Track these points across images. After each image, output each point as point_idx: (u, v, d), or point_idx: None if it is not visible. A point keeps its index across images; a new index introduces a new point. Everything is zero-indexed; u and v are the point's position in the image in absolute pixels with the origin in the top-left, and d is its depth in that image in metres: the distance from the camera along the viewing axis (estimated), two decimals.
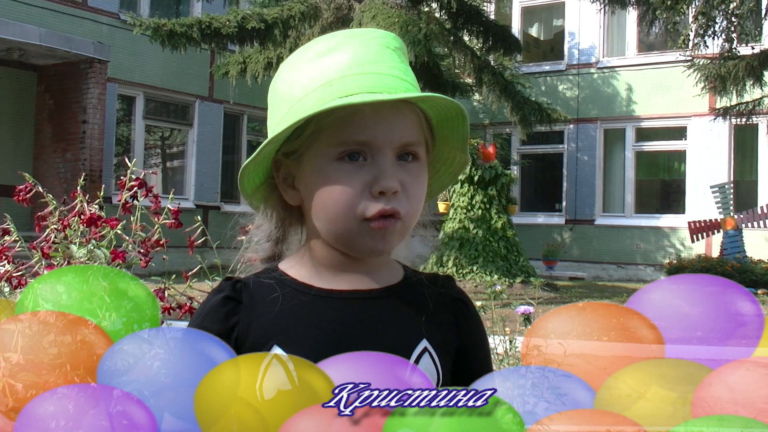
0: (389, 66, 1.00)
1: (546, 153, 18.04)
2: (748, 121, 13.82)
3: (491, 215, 12.09)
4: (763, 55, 12.07)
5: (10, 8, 12.49)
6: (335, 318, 1.03)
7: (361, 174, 0.98)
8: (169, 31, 11.60)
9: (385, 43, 1.03)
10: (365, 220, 0.98)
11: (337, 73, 0.98)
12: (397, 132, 0.98)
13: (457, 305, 1.11)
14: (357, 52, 1.00)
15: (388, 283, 1.07)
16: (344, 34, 1.04)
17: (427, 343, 1.03)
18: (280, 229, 1.11)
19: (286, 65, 1.06)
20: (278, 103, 1.04)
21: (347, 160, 0.98)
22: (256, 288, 1.06)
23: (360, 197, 0.97)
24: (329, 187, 0.99)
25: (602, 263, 16.84)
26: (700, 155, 16.11)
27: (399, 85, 0.99)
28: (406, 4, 11.58)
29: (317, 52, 1.01)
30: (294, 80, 1.02)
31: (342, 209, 0.98)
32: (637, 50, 17.19)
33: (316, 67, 1.00)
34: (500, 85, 12.24)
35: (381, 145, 0.98)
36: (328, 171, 0.98)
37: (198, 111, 15.70)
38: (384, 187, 0.97)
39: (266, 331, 1.02)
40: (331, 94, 0.96)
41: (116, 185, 2.34)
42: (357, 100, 0.94)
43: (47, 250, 2.11)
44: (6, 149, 12.78)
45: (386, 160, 0.98)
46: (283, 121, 1.00)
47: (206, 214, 14.88)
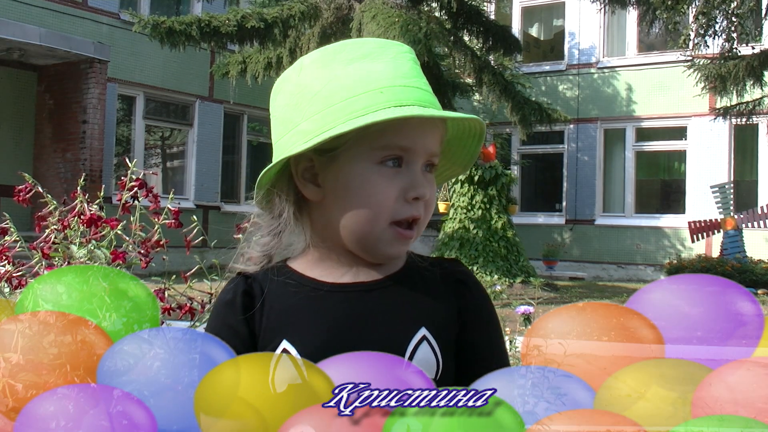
0: (424, 82, 1.05)
1: (546, 153, 18.03)
2: (748, 121, 13.82)
3: (491, 215, 12.09)
4: (763, 55, 12.07)
5: (10, 8, 12.49)
6: (337, 312, 1.04)
7: (398, 179, 1.02)
8: (168, 29, 11.59)
9: (412, 58, 1.07)
10: (393, 224, 1.02)
11: (386, 81, 1.01)
12: (429, 142, 1.04)
13: (459, 286, 1.11)
14: (396, 64, 1.03)
15: (389, 272, 1.08)
16: (373, 43, 1.06)
17: (426, 331, 1.04)
18: (287, 223, 1.10)
19: (314, 62, 1.06)
20: (307, 99, 1.04)
21: (387, 165, 1.01)
22: (265, 283, 1.08)
23: (396, 202, 1.01)
24: (368, 189, 1.01)
25: (602, 263, 16.84)
26: (700, 155, 16.11)
27: (434, 101, 1.04)
28: (406, 4, 11.58)
29: (351, 56, 1.03)
30: (330, 79, 1.02)
31: (377, 212, 1.02)
32: (638, 50, 17.19)
33: (359, 71, 1.01)
34: (500, 85, 12.23)
35: (419, 152, 1.03)
36: (369, 173, 1.01)
37: (198, 111, 15.70)
38: (420, 194, 1.02)
39: (274, 326, 1.04)
40: (385, 101, 0.99)
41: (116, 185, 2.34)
42: (417, 112, 0.98)
43: (47, 250, 2.11)
44: (6, 149, 12.78)
45: (418, 168, 1.03)
46: (323, 119, 1.00)
47: (206, 214, 14.89)
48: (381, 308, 1.06)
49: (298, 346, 1.02)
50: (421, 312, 1.06)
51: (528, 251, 13.23)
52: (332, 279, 1.07)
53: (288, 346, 1.02)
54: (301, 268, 1.09)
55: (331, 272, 1.08)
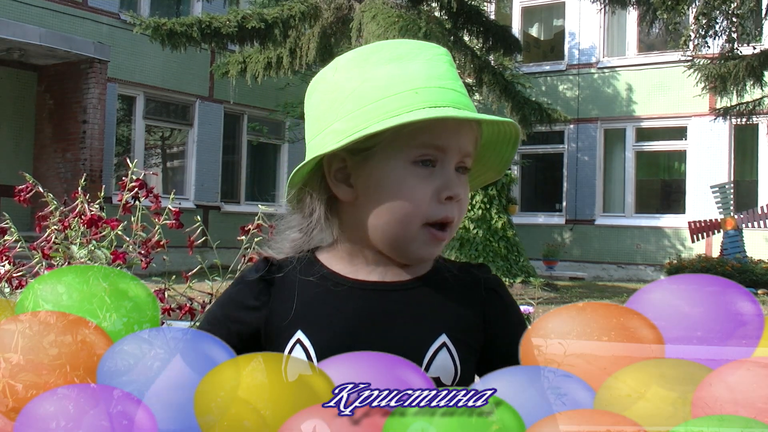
0: (459, 84, 1.04)
1: (546, 153, 18.03)
2: (748, 121, 13.81)
3: (491, 215, 12.09)
4: (763, 55, 12.07)
5: (10, 8, 12.49)
6: (358, 309, 1.04)
7: (431, 180, 1.01)
8: (169, 31, 11.59)
9: (450, 61, 1.06)
10: (426, 225, 1.02)
11: (421, 81, 1.00)
12: (463, 144, 1.03)
13: (487, 293, 1.11)
14: (432, 65, 1.03)
15: (416, 274, 1.08)
16: (409, 44, 1.06)
17: (446, 338, 1.03)
18: (317, 221, 1.10)
19: (349, 62, 1.05)
20: (341, 99, 1.03)
21: (421, 165, 1.01)
22: (289, 271, 1.08)
23: (430, 201, 1.01)
24: (402, 189, 1.01)
25: (602, 263, 16.84)
26: (700, 155, 16.11)
27: (470, 103, 1.04)
28: (406, 3, 11.58)
29: (387, 57, 1.03)
30: (364, 79, 1.02)
31: (411, 212, 1.01)
32: (638, 50, 17.19)
33: (394, 71, 1.01)
34: (500, 85, 12.23)
35: (453, 153, 1.02)
36: (403, 173, 1.01)
37: (198, 111, 15.71)
38: (454, 193, 1.02)
39: (291, 314, 1.04)
40: (419, 102, 0.98)
41: (117, 185, 2.34)
42: (452, 113, 0.98)
43: (48, 250, 2.11)
44: (6, 149, 12.78)
45: (452, 169, 1.02)
46: (357, 119, 1.00)
47: (206, 214, 14.89)
48: (403, 310, 1.05)
49: (312, 338, 1.01)
50: (443, 318, 1.05)
51: (528, 251, 13.22)
52: (357, 276, 1.07)
53: (302, 337, 1.01)
54: (327, 261, 1.09)
55: (357, 269, 1.07)
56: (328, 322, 1.03)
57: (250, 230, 2.25)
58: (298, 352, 1.00)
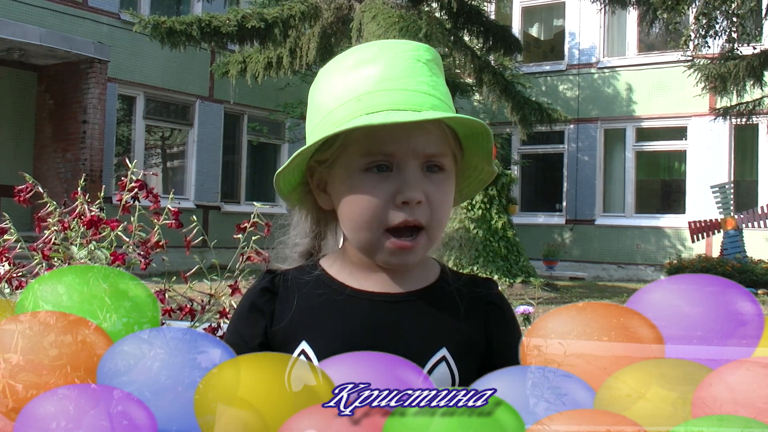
0: (417, 81, 1.02)
1: (546, 153, 18.03)
2: (748, 121, 13.81)
3: (491, 215, 12.09)
4: (763, 55, 12.07)
5: (10, 8, 12.50)
6: (360, 318, 1.04)
7: (386, 184, 1.00)
8: (169, 29, 11.59)
9: (416, 56, 1.04)
10: (387, 231, 1.01)
11: (367, 87, 1.00)
12: (420, 145, 1.01)
13: (490, 309, 1.11)
14: (387, 67, 1.02)
15: (420, 285, 1.08)
16: (379, 46, 1.06)
17: (446, 352, 1.03)
18: (315, 228, 1.13)
19: (324, 73, 1.08)
20: (314, 111, 1.07)
21: (374, 171, 1.01)
22: (293, 281, 1.09)
23: (385, 207, 1.00)
24: (356, 196, 1.01)
25: (602, 263, 16.84)
26: (700, 155, 16.11)
27: (425, 101, 1.00)
28: (407, 4, 11.58)
29: (351, 64, 1.04)
30: (328, 89, 1.05)
31: (367, 218, 1.01)
32: (638, 50, 17.19)
33: (349, 80, 1.02)
34: (500, 85, 12.23)
35: (405, 156, 1.00)
36: (356, 181, 1.01)
37: (198, 111, 15.71)
38: (408, 197, 0.99)
39: (297, 324, 1.05)
40: (359, 110, 0.99)
41: (116, 185, 2.34)
42: (379, 120, 0.96)
43: (47, 251, 2.11)
44: (6, 149, 12.78)
45: (410, 171, 1.00)
46: (317, 131, 1.03)
47: (206, 214, 14.89)
48: (404, 322, 1.05)
49: (316, 348, 1.02)
50: (444, 332, 1.05)
51: (528, 251, 13.22)
52: (360, 285, 1.07)
53: (306, 348, 1.02)
54: (331, 270, 1.10)
55: (360, 277, 1.07)
56: (331, 333, 1.03)
57: (246, 228, 2.25)
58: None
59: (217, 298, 2.25)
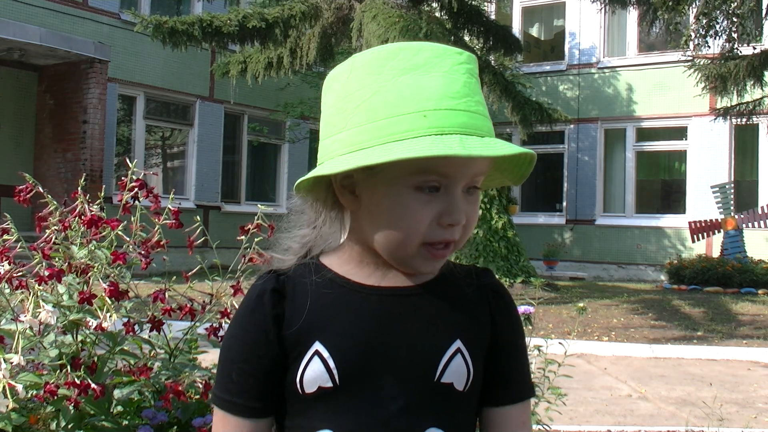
0: (476, 101, 1.00)
1: (547, 153, 18.03)
2: (748, 121, 13.81)
3: (492, 215, 12.09)
4: (763, 55, 12.07)
5: (11, 8, 12.50)
6: (374, 314, 1.03)
7: (434, 204, 0.98)
8: (170, 29, 11.60)
9: (470, 70, 1.02)
10: (425, 245, 1.00)
11: (431, 102, 0.96)
12: (473, 167, 1.00)
13: (494, 297, 1.11)
14: (448, 80, 0.98)
15: (426, 278, 1.07)
16: (429, 51, 1.01)
17: (461, 344, 1.03)
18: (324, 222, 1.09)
19: (365, 66, 1.01)
20: (351, 107, 1.00)
21: (425, 192, 0.98)
22: (298, 280, 1.06)
23: (429, 226, 0.99)
24: (401, 213, 0.99)
25: (603, 263, 16.85)
26: (700, 155, 16.11)
27: (484, 124, 0.99)
28: (407, 4, 11.58)
29: (402, 66, 0.99)
30: (376, 90, 0.98)
31: (408, 235, 0.99)
32: (638, 50, 17.19)
33: (406, 86, 0.97)
34: (501, 85, 12.23)
35: (458, 178, 0.99)
36: (404, 197, 0.98)
37: (198, 111, 15.71)
38: (455, 220, 0.99)
39: (308, 324, 1.02)
40: (426, 128, 0.94)
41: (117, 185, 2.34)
42: (457, 149, 0.92)
43: (48, 251, 2.11)
44: (6, 149, 12.79)
45: (457, 193, 0.99)
46: (363, 135, 0.97)
47: (207, 214, 14.90)
48: (418, 316, 1.04)
49: (331, 347, 1.00)
50: (457, 323, 1.05)
51: (528, 251, 13.23)
52: (368, 281, 1.05)
53: (321, 348, 1.00)
54: (335, 266, 1.07)
55: (366, 273, 1.06)
56: (345, 331, 1.01)
57: (249, 230, 2.25)
58: (316, 364, 0.99)
59: (218, 299, 2.25)
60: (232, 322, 1.10)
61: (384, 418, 0.98)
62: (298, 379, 0.99)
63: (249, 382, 1.02)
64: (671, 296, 12.30)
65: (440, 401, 1.01)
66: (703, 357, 7.20)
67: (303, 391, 0.99)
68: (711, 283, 13.01)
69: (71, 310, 1.88)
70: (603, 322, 9.23)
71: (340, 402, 0.99)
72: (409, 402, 0.99)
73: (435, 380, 1.00)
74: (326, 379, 0.98)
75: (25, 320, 1.74)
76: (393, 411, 0.99)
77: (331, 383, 0.98)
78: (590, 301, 11.24)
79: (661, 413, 4.69)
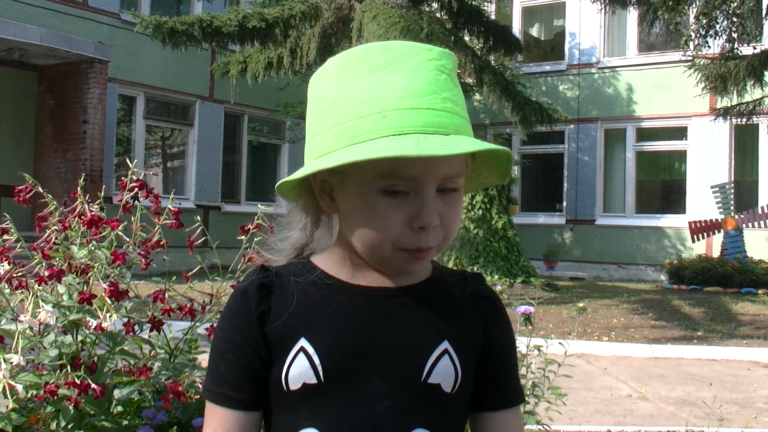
0: (443, 98, 0.97)
1: (547, 153, 18.04)
2: (748, 121, 13.81)
3: (492, 215, 12.10)
4: (763, 55, 12.06)
5: (11, 8, 12.50)
6: (362, 314, 1.03)
7: (403, 208, 0.97)
8: (170, 29, 11.60)
9: (440, 66, 0.99)
10: (400, 250, 0.99)
11: (391, 102, 0.94)
12: (441, 168, 0.97)
13: (486, 303, 1.11)
14: (412, 78, 0.96)
15: (416, 280, 1.07)
16: (398, 49, 0.99)
17: (448, 345, 1.03)
18: (311, 224, 1.10)
19: (335, 70, 1.01)
20: (322, 111, 1.00)
21: (391, 195, 0.96)
22: (286, 277, 1.06)
23: (401, 231, 0.97)
24: (371, 217, 0.98)
25: (603, 263, 16.85)
26: (700, 155, 16.12)
27: (451, 121, 0.96)
28: (407, 4, 11.58)
29: (369, 66, 0.97)
30: (342, 94, 0.98)
31: (381, 238, 0.98)
32: (638, 50, 17.19)
33: (370, 87, 0.96)
34: (501, 85, 12.23)
35: (426, 180, 0.96)
36: (372, 201, 0.97)
37: (198, 111, 15.71)
38: (425, 223, 0.97)
39: (294, 322, 1.02)
40: (384, 128, 0.93)
41: (117, 185, 2.34)
42: (411, 150, 0.90)
43: (48, 251, 2.11)
44: (6, 149, 12.79)
45: (428, 195, 0.97)
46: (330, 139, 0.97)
47: (207, 214, 14.90)
48: (406, 316, 1.04)
49: (317, 345, 1.00)
50: (445, 325, 1.05)
51: (528, 251, 13.23)
52: (357, 281, 1.05)
53: (306, 345, 1.00)
54: (325, 266, 1.07)
55: (356, 273, 1.06)
56: (332, 328, 1.01)
57: (249, 230, 2.25)
58: (301, 360, 0.99)
59: (218, 299, 2.25)
60: (221, 315, 1.11)
61: (370, 418, 0.98)
62: (283, 376, 0.99)
63: (236, 375, 1.02)
64: (671, 296, 12.30)
65: (427, 402, 1.01)
66: (703, 357, 7.21)
67: (288, 387, 0.99)
68: (711, 283, 13.01)
69: (71, 310, 1.89)
70: (603, 322, 9.24)
71: (325, 400, 0.99)
72: (396, 402, 0.99)
73: (422, 381, 1.00)
74: (311, 376, 0.98)
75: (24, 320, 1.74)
76: (379, 410, 0.98)
77: (316, 380, 0.98)
78: (590, 301, 11.24)
79: (661, 413, 4.73)
